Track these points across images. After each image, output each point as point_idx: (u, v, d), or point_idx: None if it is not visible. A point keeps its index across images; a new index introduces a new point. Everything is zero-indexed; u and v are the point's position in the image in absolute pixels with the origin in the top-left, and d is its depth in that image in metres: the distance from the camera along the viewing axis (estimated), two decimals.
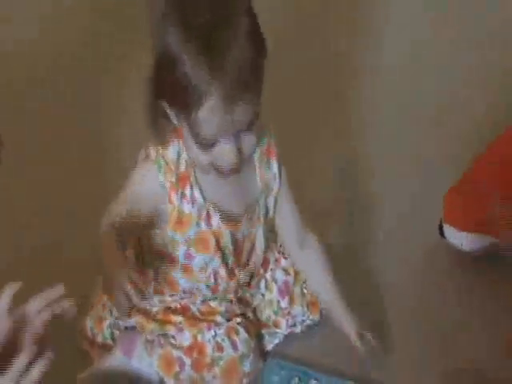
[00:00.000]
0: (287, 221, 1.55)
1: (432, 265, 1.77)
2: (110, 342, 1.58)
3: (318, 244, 1.58)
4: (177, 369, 1.52)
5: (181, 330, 1.53)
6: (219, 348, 1.51)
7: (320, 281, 1.58)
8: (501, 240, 1.69)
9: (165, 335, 1.53)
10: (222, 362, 1.50)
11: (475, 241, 1.71)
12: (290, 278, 1.62)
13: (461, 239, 1.71)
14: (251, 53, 1.20)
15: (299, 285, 1.62)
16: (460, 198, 1.73)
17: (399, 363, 1.57)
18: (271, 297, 1.62)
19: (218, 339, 1.51)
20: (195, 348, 1.51)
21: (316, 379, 1.54)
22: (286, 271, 1.62)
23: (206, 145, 1.26)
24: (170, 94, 1.25)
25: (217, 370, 1.50)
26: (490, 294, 1.71)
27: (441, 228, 1.74)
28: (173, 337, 1.53)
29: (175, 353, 1.52)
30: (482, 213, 1.68)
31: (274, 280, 1.62)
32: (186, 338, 1.52)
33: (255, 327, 1.59)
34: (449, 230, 1.72)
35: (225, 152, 1.27)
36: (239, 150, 1.27)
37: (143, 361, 1.54)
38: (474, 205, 1.70)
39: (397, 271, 1.75)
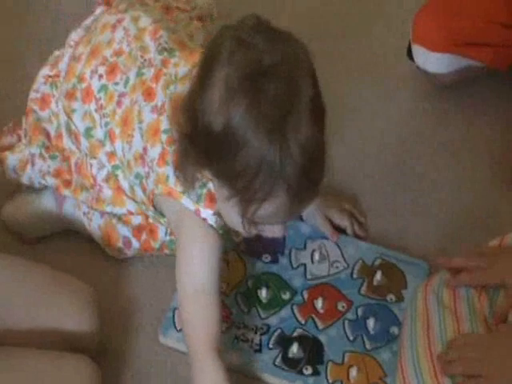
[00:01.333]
0: None
1: (398, 97, 1.81)
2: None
3: None
4: (120, 245, 1.52)
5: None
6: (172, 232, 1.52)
7: None
8: (490, 62, 1.71)
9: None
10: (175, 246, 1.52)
11: (448, 63, 1.70)
12: None
13: (432, 61, 1.70)
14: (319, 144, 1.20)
15: None
16: (435, 14, 1.70)
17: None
18: None
19: None
20: (146, 228, 1.52)
21: None
22: None
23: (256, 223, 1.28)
24: (226, 175, 1.22)
25: (168, 251, 1.52)
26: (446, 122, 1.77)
27: (410, 51, 1.73)
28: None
29: (121, 229, 1.51)
30: (460, 33, 1.67)
31: None
32: (136, 217, 1.51)
33: None
34: (418, 52, 1.70)
35: (275, 229, 1.28)
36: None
37: (76, 217, 1.55)
38: (452, 23, 1.68)
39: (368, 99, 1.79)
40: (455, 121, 1.79)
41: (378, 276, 1.53)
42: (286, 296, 1.51)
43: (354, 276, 1.55)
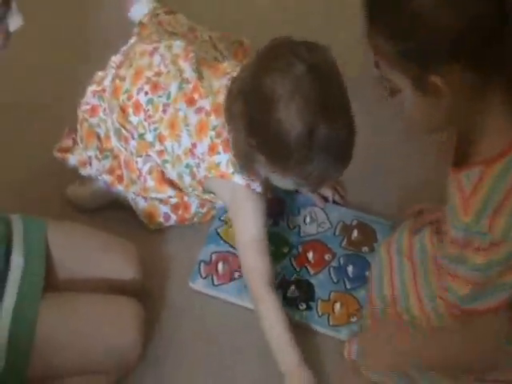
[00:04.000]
0: None
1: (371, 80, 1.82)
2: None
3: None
4: (161, 220, 1.73)
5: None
6: (202, 205, 1.73)
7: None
8: None
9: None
10: (202, 212, 1.74)
11: None
12: None
13: None
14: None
15: None
16: None
17: None
18: None
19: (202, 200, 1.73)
20: (181, 205, 1.72)
21: (271, 192, 1.78)
22: None
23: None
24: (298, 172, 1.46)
25: (196, 219, 1.75)
26: None
27: None
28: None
29: (162, 208, 1.72)
30: None
31: None
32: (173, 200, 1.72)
33: None
34: None
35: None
36: None
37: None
38: None
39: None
40: None
41: (355, 233, 1.74)
42: (285, 250, 1.72)
43: (337, 233, 1.76)
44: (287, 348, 1.51)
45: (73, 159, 1.76)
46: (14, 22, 1.19)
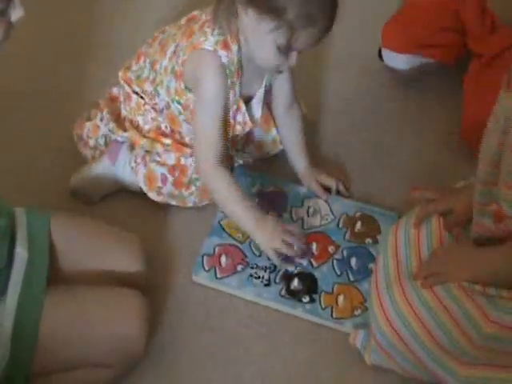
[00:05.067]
0: (282, 85, 1.76)
1: (372, 87, 2.05)
2: (101, 147, 1.82)
3: (299, 112, 1.80)
4: (159, 184, 1.75)
5: (168, 151, 1.74)
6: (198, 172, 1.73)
7: (294, 140, 1.81)
8: (440, 59, 1.97)
9: (150, 153, 1.75)
10: (198, 183, 1.75)
11: (409, 61, 1.97)
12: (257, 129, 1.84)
13: (397, 60, 1.97)
14: None
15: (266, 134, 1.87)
16: (398, 25, 1.96)
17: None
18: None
19: None
20: (178, 168, 1.74)
21: (274, 184, 1.84)
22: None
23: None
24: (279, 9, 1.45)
25: (193, 188, 1.75)
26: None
27: (380, 53, 1.99)
28: (158, 154, 1.75)
29: (159, 170, 1.74)
30: (417, 38, 1.93)
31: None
32: (170, 158, 1.74)
33: (230, 160, 1.82)
34: (386, 53, 1.97)
35: (294, 59, 1.54)
36: None
37: (126, 171, 1.77)
38: (411, 31, 1.93)
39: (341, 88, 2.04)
40: (415, 103, 2.02)
41: (358, 225, 1.75)
42: None
43: (340, 226, 1.76)
44: (244, 214, 1.62)
45: (89, 125, 1.83)
46: (16, 14, 1.22)
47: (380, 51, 2.00)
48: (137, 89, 1.77)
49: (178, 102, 1.70)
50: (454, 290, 1.41)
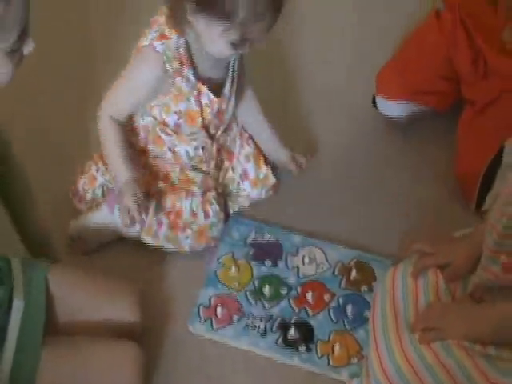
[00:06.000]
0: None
1: (367, 133, 2.07)
2: (99, 198, 1.83)
3: (254, 93, 1.86)
4: (155, 227, 1.75)
5: (162, 195, 1.76)
6: (193, 215, 1.75)
7: (258, 122, 1.88)
8: (435, 106, 1.99)
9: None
10: (194, 226, 1.76)
11: (403, 108, 1.98)
12: (250, 165, 1.88)
13: (391, 108, 1.99)
14: None
15: (257, 171, 1.89)
16: (392, 72, 1.98)
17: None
18: (234, 176, 1.88)
19: (194, 207, 1.75)
20: (173, 211, 1.75)
21: (269, 232, 1.85)
22: (247, 158, 1.88)
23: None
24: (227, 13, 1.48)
25: (189, 231, 1.76)
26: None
27: (374, 100, 2.01)
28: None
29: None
30: (411, 86, 1.95)
31: (238, 164, 1.88)
32: (165, 202, 1.75)
33: (223, 199, 1.85)
34: (380, 101, 1.99)
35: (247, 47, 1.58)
36: None
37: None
38: (405, 78, 1.95)
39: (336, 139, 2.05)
40: (411, 148, 2.03)
41: (354, 273, 1.76)
42: (284, 291, 1.73)
43: (336, 273, 1.77)
44: (117, 160, 1.70)
45: (83, 180, 1.85)
46: (28, 47, 1.27)
47: (374, 98, 2.01)
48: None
49: (147, 114, 1.74)
50: (454, 349, 1.41)
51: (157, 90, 1.68)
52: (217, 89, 1.72)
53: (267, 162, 1.92)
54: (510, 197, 1.35)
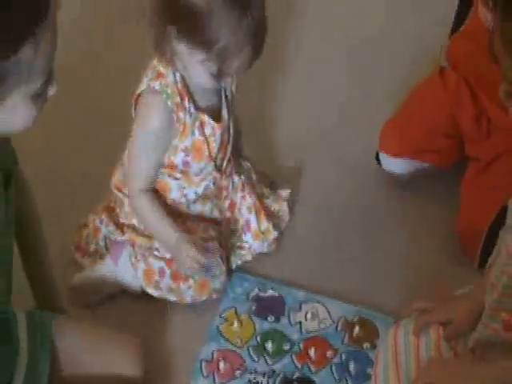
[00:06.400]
0: None
1: (369, 188, 2.08)
2: (102, 250, 1.84)
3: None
4: (157, 277, 1.76)
5: None
6: None
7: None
8: (438, 164, 1.99)
9: (150, 248, 1.77)
10: (196, 277, 1.76)
11: (406, 165, 2.00)
12: (252, 217, 1.89)
13: (394, 164, 2.00)
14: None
15: (259, 223, 1.89)
16: (395, 129, 1.99)
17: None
18: (237, 227, 1.90)
19: None
20: (175, 261, 1.75)
21: (272, 288, 1.85)
22: (249, 209, 1.89)
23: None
24: (205, 45, 1.51)
25: (191, 282, 1.76)
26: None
27: (377, 156, 2.02)
28: (157, 249, 1.77)
29: (157, 264, 1.76)
30: (413, 143, 1.97)
31: (240, 215, 1.89)
32: (168, 252, 1.76)
33: (226, 252, 1.85)
34: (384, 157, 2.00)
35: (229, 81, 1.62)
36: None
37: (127, 270, 1.78)
38: (408, 136, 1.97)
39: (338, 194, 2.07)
40: (412, 205, 2.04)
41: (357, 329, 1.75)
42: (287, 347, 1.74)
43: (339, 330, 1.77)
44: (160, 225, 1.73)
45: (86, 232, 1.86)
46: (52, 90, 1.27)
47: (377, 155, 2.03)
48: (126, 191, 1.80)
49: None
50: None
51: (170, 131, 1.68)
52: (215, 115, 1.74)
53: (268, 216, 1.92)
54: (510, 258, 1.35)
